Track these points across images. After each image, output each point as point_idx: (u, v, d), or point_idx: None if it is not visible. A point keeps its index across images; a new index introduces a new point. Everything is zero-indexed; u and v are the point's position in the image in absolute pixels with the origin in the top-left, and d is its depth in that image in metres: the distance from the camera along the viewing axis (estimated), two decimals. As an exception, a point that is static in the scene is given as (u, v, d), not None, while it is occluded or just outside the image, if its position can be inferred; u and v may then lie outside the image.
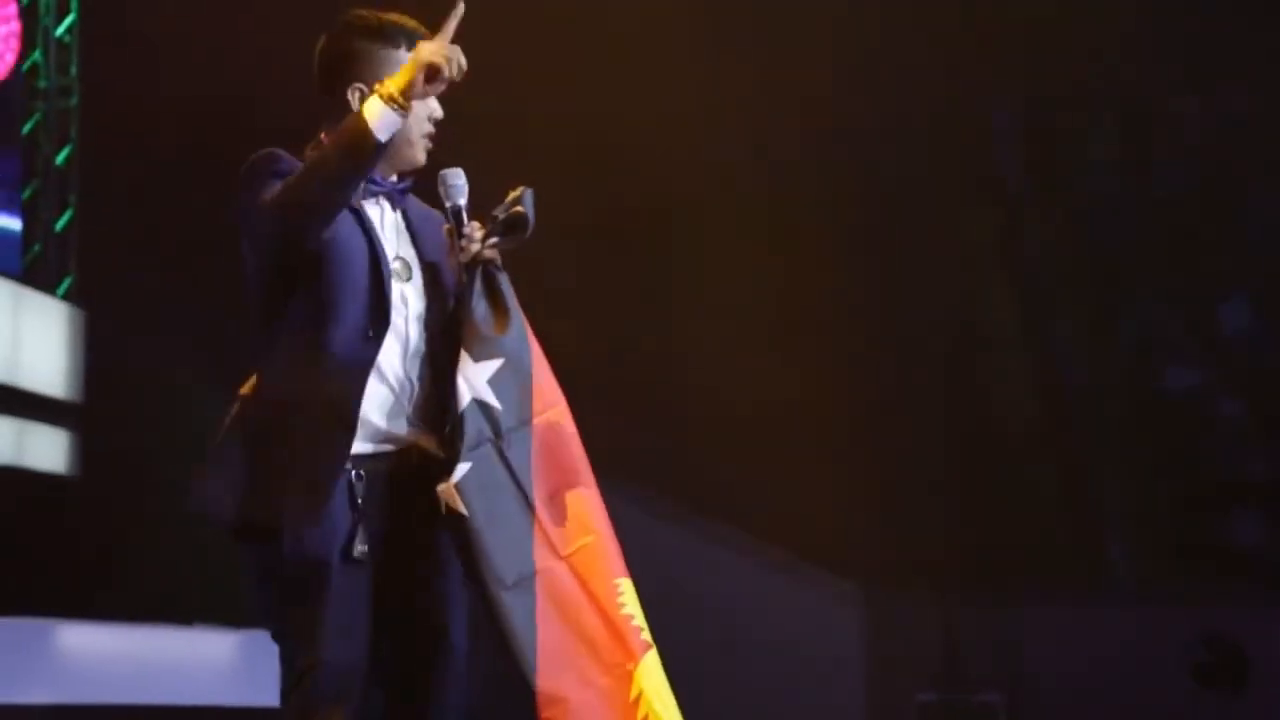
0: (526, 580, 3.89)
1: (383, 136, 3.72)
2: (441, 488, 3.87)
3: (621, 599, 3.97)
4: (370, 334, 3.87)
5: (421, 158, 4.03)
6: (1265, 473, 11.92)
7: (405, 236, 4.02)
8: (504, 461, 3.94)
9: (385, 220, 4.01)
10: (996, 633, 11.23)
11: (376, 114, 3.73)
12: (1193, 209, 12.00)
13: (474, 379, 3.93)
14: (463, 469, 3.87)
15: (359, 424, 3.86)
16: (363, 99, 3.84)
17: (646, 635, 3.99)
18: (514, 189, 4.04)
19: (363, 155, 3.74)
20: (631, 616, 3.97)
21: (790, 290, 11.28)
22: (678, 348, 11.53)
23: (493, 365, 3.94)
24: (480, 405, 3.93)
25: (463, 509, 3.85)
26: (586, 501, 4.01)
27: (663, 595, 5.30)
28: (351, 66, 3.96)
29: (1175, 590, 11.62)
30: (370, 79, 3.90)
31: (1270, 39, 11.58)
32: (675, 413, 11.54)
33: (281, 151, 3.94)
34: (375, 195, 4.00)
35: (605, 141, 11.16)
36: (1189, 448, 11.95)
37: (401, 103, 3.74)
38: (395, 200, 4.04)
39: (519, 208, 3.99)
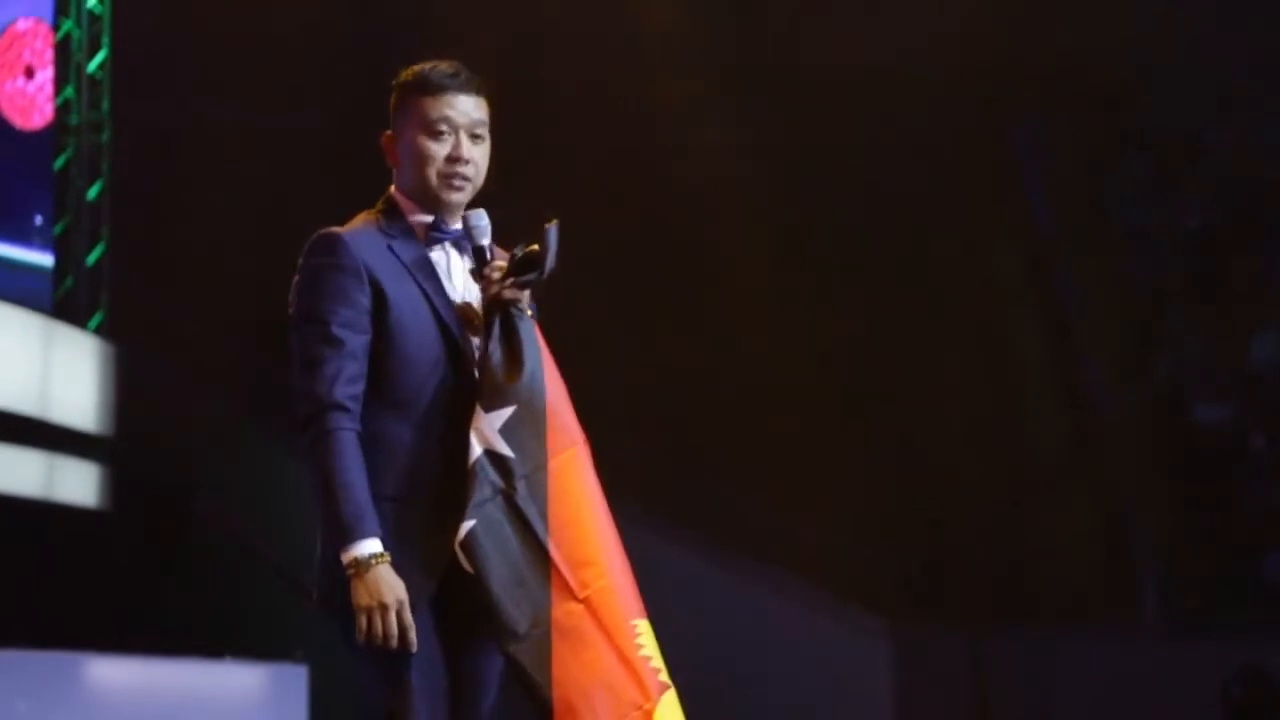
0: (542, 626, 3.92)
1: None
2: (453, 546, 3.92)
3: (639, 640, 3.98)
4: (451, 443, 3.96)
5: (453, 197, 4.12)
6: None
7: (471, 284, 4.10)
8: (515, 511, 3.95)
9: (452, 266, 4.12)
10: (1027, 668, 11.19)
11: (351, 550, 3.88)
12: (1223, 242, 11.98)
13: (485, 430, 3.95)
14: (466, 526, 3.89)
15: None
16: (390, 145, 4.14)
17: (664, 676, 3.99)
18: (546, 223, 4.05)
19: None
20: (649, 658, 3.98)
21: (820, 324, 11.27)
22: (708, 382, 11.52)
23: (505, 413, 3.96)
24: (491, 456, 3.95)
25: (468, 567, 3.89)
26: (604, 541, 4.02)
27: (691, 630, 5.29)
28: (390, 116, 4.16)
29: (1208, 626, 11.57)
30: (396, 125, 4.13)
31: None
32: (706, 447, 11.53)
33: (339, 246, 4.05)
34: (441, 242, 4.12)
35: (635, 172, 11.19)
36: (1222, 482, 11.90)
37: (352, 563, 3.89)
38: (461, 245, 4.14)
39: (534, 246, 4.02)
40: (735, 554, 11.58)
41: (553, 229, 4.02)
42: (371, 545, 3.86)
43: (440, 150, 4.08)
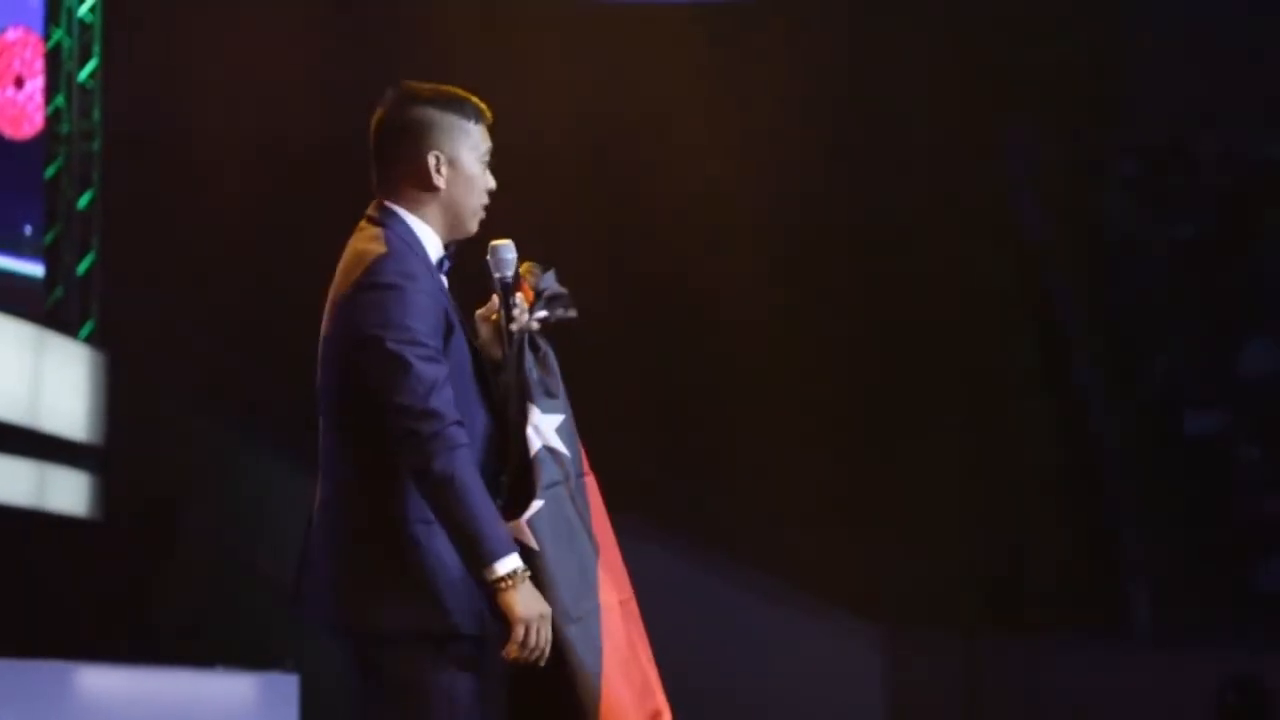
0: (592, 614, 4.00)
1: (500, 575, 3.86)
2: (511, 524, 3.96)
3: (650, 656, 4.09)
4: (500, 475, 3.99)
5: (475, 228, 4.11)
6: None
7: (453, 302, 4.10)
8: (573, 502, 4.06)
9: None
10: (1019, 675, 11.19)
11: (497, 568, 3.84)
12: (1213, 252, 12.00)
13: (544, 428, 4.05)
14: (536, 505, 3.98)
15: None
16: (438, 165, 3.99)
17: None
18: (524, 265, 4.13)
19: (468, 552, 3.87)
20: (658, 674, 4.09)
21: (814, 334, 11.29)
22: (702, 393, 11.53)
23: (558, 418, 4.07)
24: (550, 452, 4.05)
25: (534, 544, 3.95)
26: (621, 561, 4.15)
27: (685, 636, 5.31)
28: (429, 133, 4.01)
29: (1199, 634, 11.58)
30: (446, 146, 4.01)
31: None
32: (701, 456, 11.54)
33: (417, 267, 3.96)
34: (444, 270, 4.08)
35: (622, 177, 11.20)
36: (1211, 491, 11.92)
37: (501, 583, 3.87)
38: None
39: (556, 286, 4.12)
40: (724, 560, 11.59)
41: (551, 273, 4.12)
42: (517, 560, 3.83)
43: (487, 182, 4.07)
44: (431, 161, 4.00)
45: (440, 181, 4.01)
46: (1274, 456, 12.04)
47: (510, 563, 3.81)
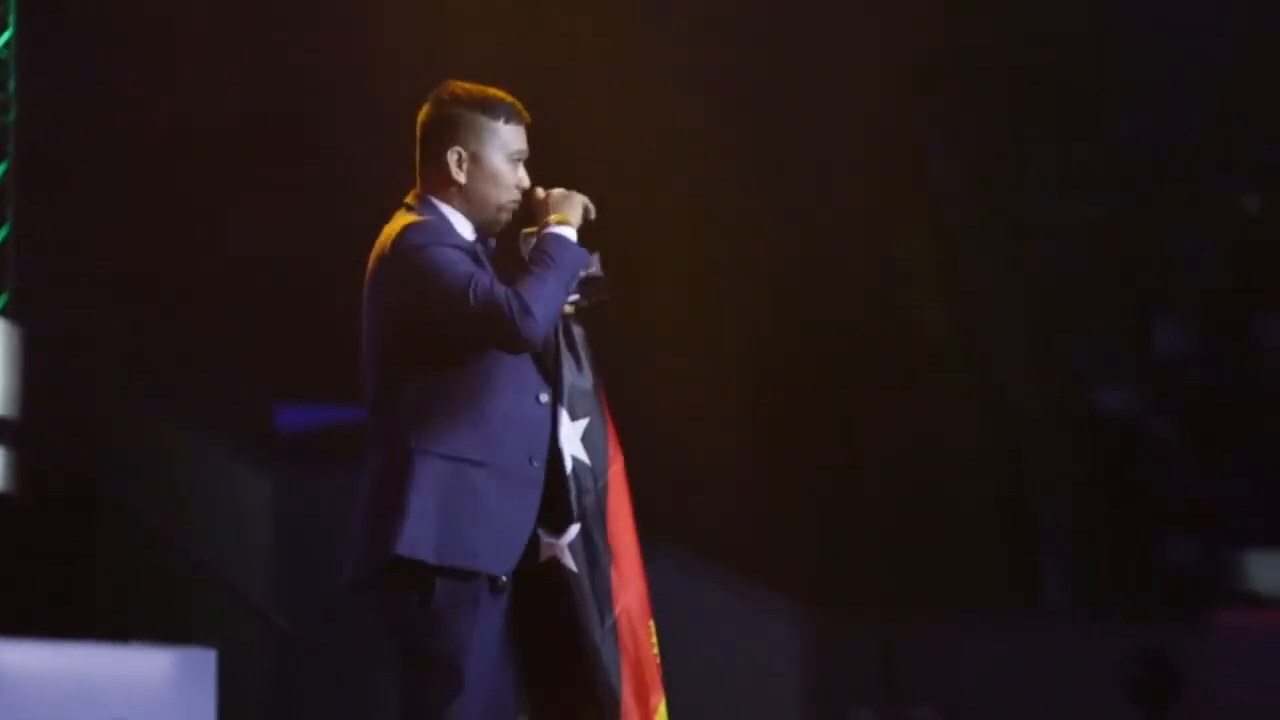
0: (609, 613, 4.22)
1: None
2: (548, 539, 4.19)
3: (653, 639, 4.33)
4: (542, 399, 4.27)
5: (503, 222, 4.36)
6: (1199, 492, 12.02)
7: None
8: (595, 513, 4.27)
9: None
10: (933, 651, 11.28)
11: (571, 237, 4.22)
12: (1128, 231, 12.10)
13: (572, 438, 4.26)
14: (575, 529, 4.20)
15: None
16: (460, 162, 4.26)
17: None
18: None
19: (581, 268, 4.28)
20: (658, 656, 4.33)
21: (730, 310, 11.32)
22: (617, 368, 11.54)
23: (583, 424, 4.29)
24: (578, 464, 4.26)
25: (573, 567, 4.18)
26: (636, 545, 4.34)
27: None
28: (453, 131, 4.29)
29: (1109, 608, 11.71)
30: (470, 144, 4.29)
31: (1205, 60, 11.69)
32: (619, 432, 11.55)
33: (453, 234, 4.26)
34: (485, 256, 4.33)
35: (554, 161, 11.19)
36: (1123, 468, 12.04)
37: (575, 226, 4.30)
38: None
39: (597, 269, 4.37)
40: (640, 536, 11.61)
41: (595, 257, 4.37)
42: (568, 232, 4.23)
43: (515, 178, 4.30)
44: (452, 158, 4.27)
45: (460, 176, 4.27)
46: (1186, 434, 12.17)
47: (572, 234, 4.22)
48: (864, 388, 11.76)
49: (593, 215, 4.32)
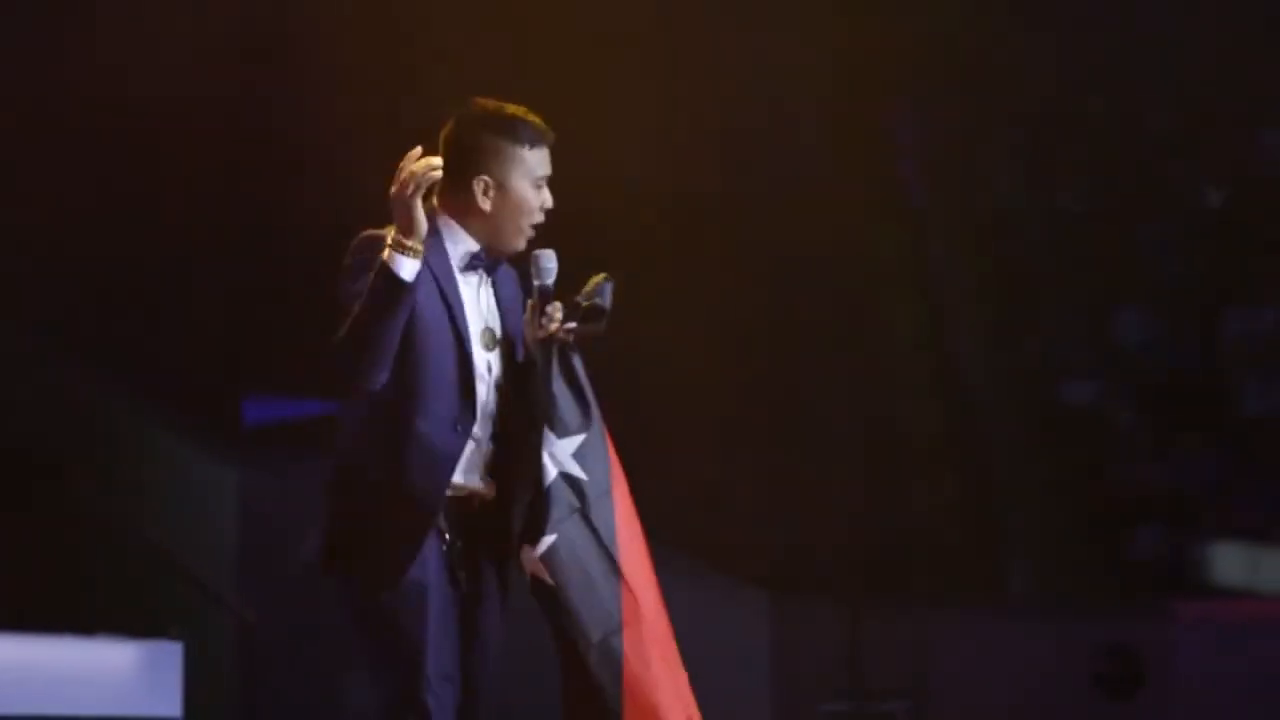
0: (614, 635, 4.19)
1: (408, 278, 4.08)
2: (526, 551, 4.18)
3: (679, 660, 4.34)
4: (458, 429, 4.21)
5: (521, 245, 4.33)
6: (1162, 484, 12.06)
7: (494, 309, 4.34)
8: (590, 527, 4.24)
9: (481, 294, 4.33)
10: (901, 643, 11.30)
11: (396, 263, 4.08)
12: (1091, 221, 12.13)
13: (559, 454, 4.22)
14: (547, 541, 4.16)
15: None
16: (486, 191, 4.22)
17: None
18: (596, 276, 4.38)
19: (396, 300, 4.11)
20: (687, 678, 4.34)
21: (696, 302, 11.32)
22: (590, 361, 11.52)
23: (577, 440, 4.24)
24: (566, 478, 4.23)
25: (549, 580, 4.15)
26: (651, 572, 4.35)
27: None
28: (479, 159, 4.24)
29: (1075, 601, 11.74)
30: (497, 173, 4.24)
31: (1171, 46, 11.72)
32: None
33: (371, 242, 4.19)
34: (476, 269, 4.30)
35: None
36: (1088, 460, 12.06)
37: (412, 246, 4.09)
38: (487, 273, 4.34)
39: (599, 300, 4.32)
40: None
41: (610, 284, 4.35)
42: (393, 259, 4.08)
43: (538, 202, 4.29)
44: (479, 187, 4.24)
45: (486, 205, 4.24)
46: (1149, 426, 12.20)
47: (395, 258, 4.05)
48: (828, 379, 11.76)
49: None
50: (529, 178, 4.27)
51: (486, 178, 4.23)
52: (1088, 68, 11.94)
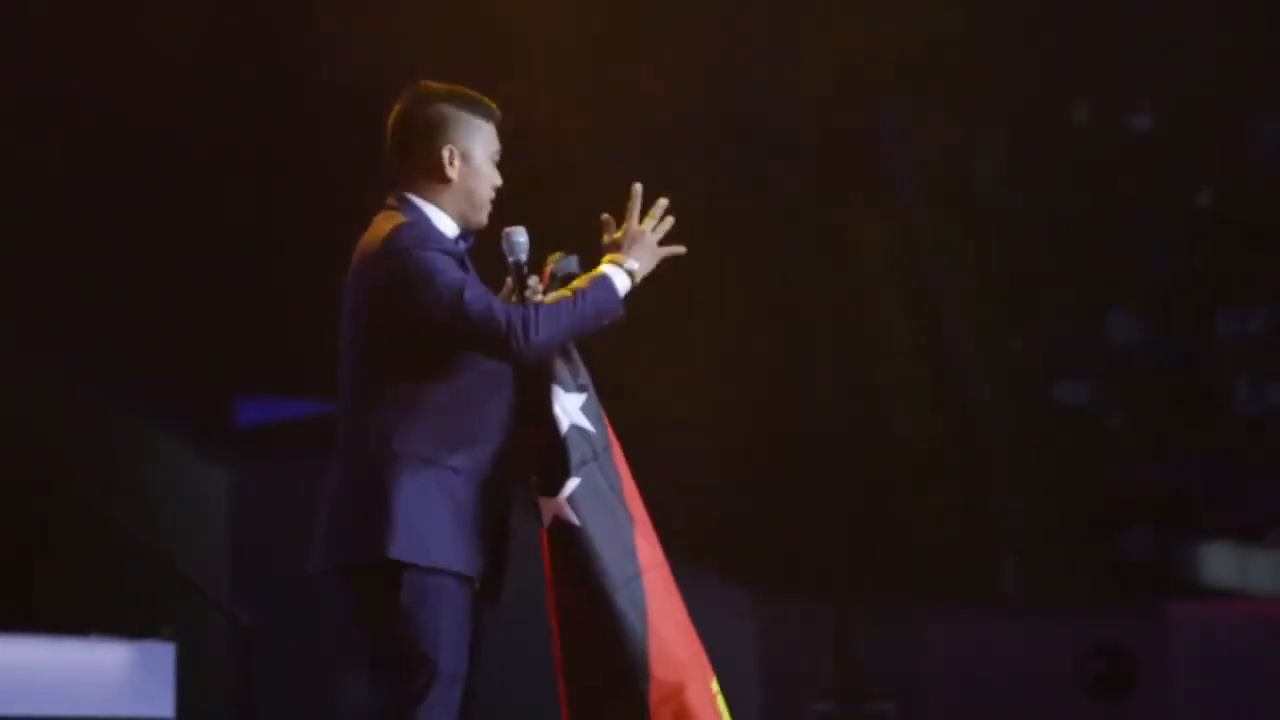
0: (635, 580, 4.24)
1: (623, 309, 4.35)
2: (547, 501, 4.23)
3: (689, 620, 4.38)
4: (506, 410, 4.32)
5: (485, 219, 4.43)
6: (1154, 484, 12.08)
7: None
8: (606, 474, 4.33)
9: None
10: (891, 643, 11.32)
11: (624, 286, 4.39)
12: (1083, 222, 12.14)
13: (570, 407, 4.32)
14: (573, 484, 4.25)
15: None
16: (453, 158, 4.33)
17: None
18: (553, 253, 4.48)
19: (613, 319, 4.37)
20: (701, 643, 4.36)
21: (689, 304, 11.32)
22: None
23: (581, 397, 4.34)
24: (579, 430, 4.31)
25: (575, 520, 4.21)
26: (651, 527, 4.40)
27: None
28: (444, 129, 4.36)
29: (1066, 601, 11.76)
30: (462, 142, 4.35)
31: (1162, 53, 11.74)
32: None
33: (442, 239, 4.30)
34: (464, 251, 4.40)
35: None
36: (1080, 460, 12.08)
37: (636, 281, 4.43)
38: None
39: (574, 269, 4.44)
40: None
41: (574, 257, 4.48)
42: (625, 280, 4.38)
43: (497, 177, 4.41)
44: (446, 155, 4.34)
45: (453, 173, 4.34)
46: (1141, 426, 12.22)
47: (625, 283, 4.37)
48: (821, 381, 11.78)
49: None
50: (488, 149, 4.39)
51: (452, 146, 4.34)
52: (1080, 69, 11.96)
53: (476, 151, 4.36)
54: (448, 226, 4.36)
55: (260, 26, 10.72)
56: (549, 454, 4.27)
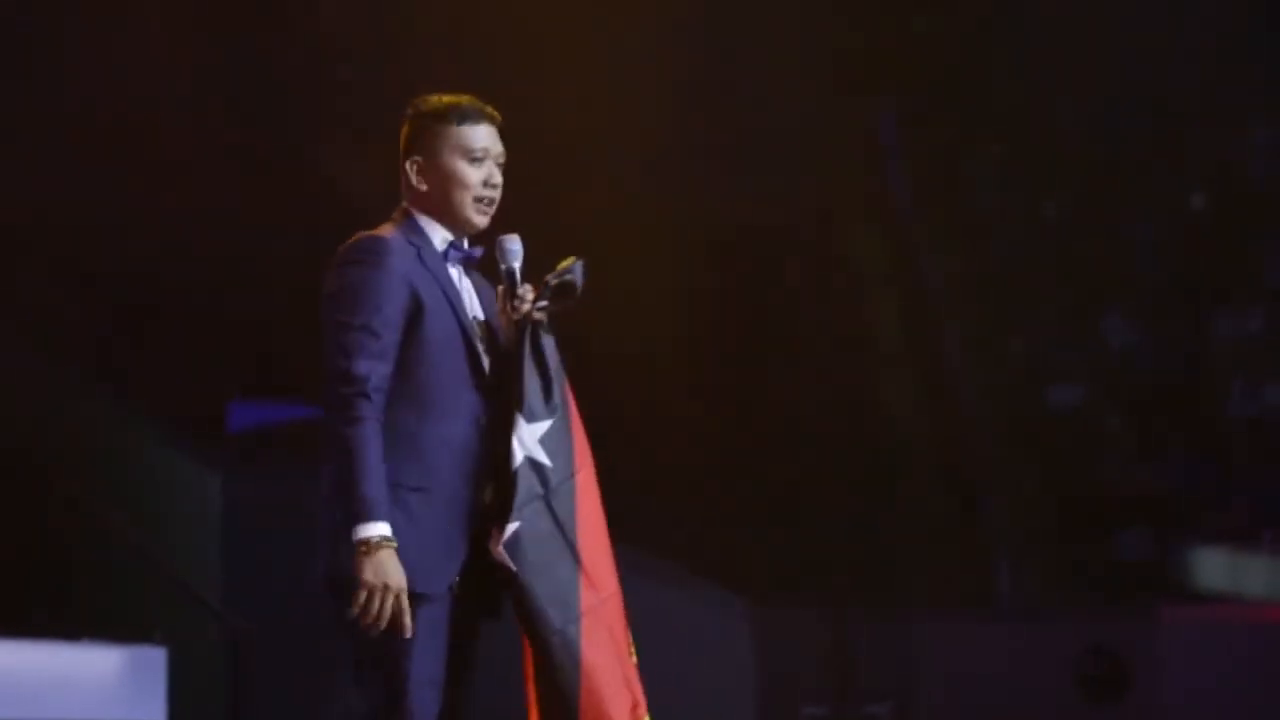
0: (573, 624, 4.25)
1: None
2: (493, 546, 4.21)
3: (632, 649, 4.38)
4: (481, 421, 4.30)
5: (481, 222, 4.43)
6: (1149, 487, 12.08)
7: (475, 299, 4.43)
8: (552, 514, 4.28)
9: (463, 285, 4.42)
10: (885, 646, 11.31)
11: (358, 531, 4.12)
12: (1076, 226, 12.15)
13: (526, 439, 4.27)
14: (512, 528, 4.21)
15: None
16: (418, 171, 4.36)
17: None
18: (565, 259, 4.42)
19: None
20: (637, 666, 4.36)
21: (683, 309, 11.32)
22: (571, 368, 11.52)
23: (544, 426, 4.30)
24: (532, 464, 4.27)
25: (511, 565, 4.19)
26: (610, 553, 4.40)
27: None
28: (410, 143, 4.41)
29: (1060, 603, 11.75)
30: (423, 153, 4.38)
31: (1152, 56, 11.75)
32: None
33: (383, 248, 4.28)
34: (456, 261, 4.41)
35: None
36: (1075, 463, 12.08)
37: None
38: (468, 265, 4.44)
39: (570, 276, 4.38)
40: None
41: (580, 263, 4.41)
42: (383, 528, 4.10)
43: (477, 176, 4.38)
44: (410, 168, 4.38)
45: (422, 185, 4.37)
46: (1134, 428, 12.22)
47: (371, 529, 4.10)
48: (814, 384, 11.77)
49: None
50: (459, 151, 4.37)
51: (417, 157, 4.37)
52: (1071, 73, 11.96)
53: (443, 156, 4.38)
54: (439, 235, 4.38)
55: (261, 26, 10.71)
56: (499, 488, 4.27)
